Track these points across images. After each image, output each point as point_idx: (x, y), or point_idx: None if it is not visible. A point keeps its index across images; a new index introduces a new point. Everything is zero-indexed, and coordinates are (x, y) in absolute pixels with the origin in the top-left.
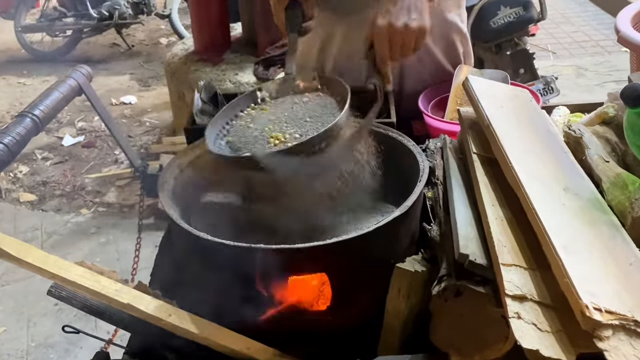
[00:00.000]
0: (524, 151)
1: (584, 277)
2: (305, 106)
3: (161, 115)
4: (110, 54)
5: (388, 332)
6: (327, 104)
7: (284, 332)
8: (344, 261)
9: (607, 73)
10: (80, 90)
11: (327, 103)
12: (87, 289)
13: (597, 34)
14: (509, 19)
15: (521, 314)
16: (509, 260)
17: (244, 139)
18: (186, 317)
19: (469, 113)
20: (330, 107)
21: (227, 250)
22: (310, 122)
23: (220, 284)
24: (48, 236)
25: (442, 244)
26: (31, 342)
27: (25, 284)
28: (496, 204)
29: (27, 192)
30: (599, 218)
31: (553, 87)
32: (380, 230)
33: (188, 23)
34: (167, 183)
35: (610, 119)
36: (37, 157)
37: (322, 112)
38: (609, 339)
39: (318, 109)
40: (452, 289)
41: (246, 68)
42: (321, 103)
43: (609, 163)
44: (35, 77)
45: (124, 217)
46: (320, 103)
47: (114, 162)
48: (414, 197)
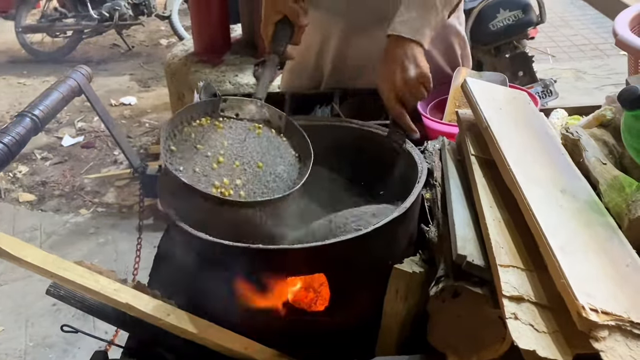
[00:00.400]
0: (522, 153)
1: (580, 278)
2: (260, 144)
3: (161, 116)
4: (111, 55)
5: (386, 333)
6: (282, 151)
7: (282, 332)
8: (342, 262)
9: (606, 76)
10: (80, 90)
11: (283, 150)
12: (86, 289)
13: (596, 38)
14: (508, 22)
15: (518, 314)
16: (506, 262)
17: (187, 155)
18: (185, 316)
19: (468, 115)
20: (286, 156)
21: (225, 251)
22: (261, 170)
23: (218, 284)
24: (47, 236)
25: (440, 245)
26: (29, 342)
27: (24, 284)
28: (494, 206)
29: (27, 192)
30: (596, 220)
31: (552, 90)
32: (379, 231)
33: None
34: (167, 184)
35: (607, 122)
36: (36, 157)
37: (275, 159)
38: (605, 339)
39: (272, 152)
40: (450, 289)
41: (246, 69)
42: (277, 146)
43: (606, 165)
44: (36, 77)
45: (123, 218)
46: (276, 146)
47: (113, 162)
48: (412, 198)
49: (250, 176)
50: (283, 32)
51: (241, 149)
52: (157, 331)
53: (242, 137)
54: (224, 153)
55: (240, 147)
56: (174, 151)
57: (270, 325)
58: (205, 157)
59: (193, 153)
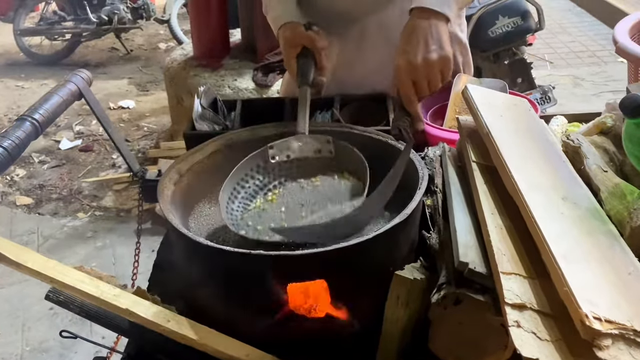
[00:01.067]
0: (523, 160)
1: (583, 286)
2: (318, 193)
3: (159, 120)
4: (109, 59)
5: (387, 340)
6: (340, 188)
7: (283, 338)
8: (343, 268)
9: (603, 83)
10: (80, 94)
11: (341, 186)
12: (86, 294)
13: (594, 45)
14: (507, 28)
15: (521, 322)
16: (508, 269)
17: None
18: (185, 323)
19: (468, 122)
20: (345, 190)
21: (226, 256)
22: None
23: (219, 290)
24: (44, 240)
25: (441, 251)
26: (26, 346)
27: (21, 288)
28: (495, 213)
29: (24, 195)
30: (597, 227)
31: (550, 97)
32: (380, 238)
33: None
34: (167, 188)
35: (608, 129)
36: (34, 161)
37: (337, 196)
38: (609, 348)
39: (332, 194)
40: (452, 297)
41: (245, 74)
42: (334, 187)
43: (607, 173)
44: (34, 80)
45: (120, 222)
46: (333, 187)
47: (111, 166)
48: (413, 204)
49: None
50: (306, 63)
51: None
52: (157, 337)
53: (300, 196)
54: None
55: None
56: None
57: (271, 331)
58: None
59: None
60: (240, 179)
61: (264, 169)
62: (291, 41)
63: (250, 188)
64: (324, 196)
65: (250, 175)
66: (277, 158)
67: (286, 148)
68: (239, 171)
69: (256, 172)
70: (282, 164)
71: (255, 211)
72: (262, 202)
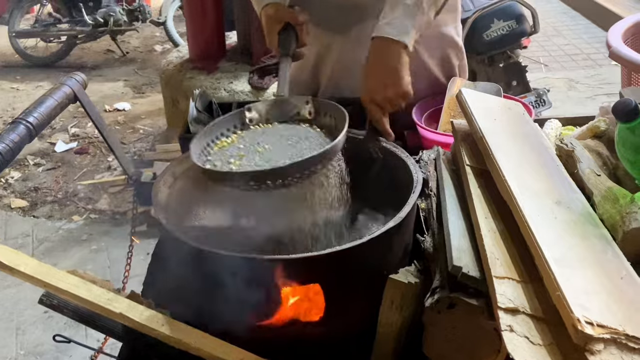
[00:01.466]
0: (517, 164)
1: (576, 290)
2: (296, 143)
3: (155, 123)
4: (105, 61)
5: (381, 343)
6: (317, 139)
7: (278, 342)
8: (337, 272)
9: (598, 86)
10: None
11: (318, 138)
12: (79, 298)
13: (589, 47)
14: (502, 32)
15: (514, 327)
16: (501, 273)
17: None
18: (179, 327)
19: (463, 125)
20: (315, 138)
21: (220, 260)
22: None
23: (213, 293)
24: (39, 243)
25: (435, 255)
26: (20, 349)
27: (15, 291)
28: (489, 216)
29: (19, 198)
30: (590, 232)
31: (545, 100)
32: (374, 242)
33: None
34: (161, 192)
35: (601, 133)
36: (29, 163)
37: (303, 141)
38: (601, 352)
39: (308, 143)
40: (445, 301)
41: (241, 77)
42: (312, 138)
43: (601, 177)
44: (29, 82)
45: (116, 225)
46: (310, 138)
47: (106, 168)
48: (407, 208)
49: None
50: (287, 37)
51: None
52: (151, 341)
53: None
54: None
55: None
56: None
57: (265, 335)
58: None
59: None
60: (215, 137)
61: (241, 130)
62: (274, 17)
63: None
64: (289, 140)
65: (226, 135)
66: (254, 120)
67: (264, 110)
68: (213, 130)
69: (232, 132)
70: (260, 126)
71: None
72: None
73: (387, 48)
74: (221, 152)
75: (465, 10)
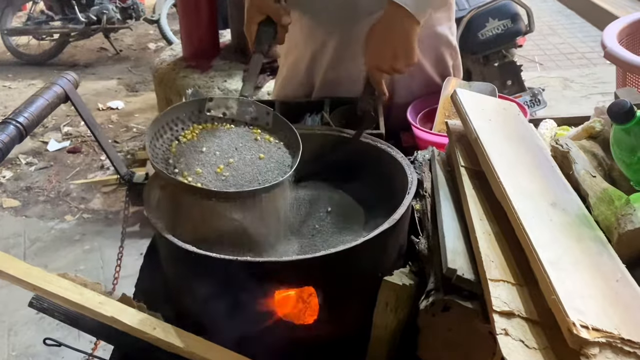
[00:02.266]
0: (511, 165)
1: (571, 293)
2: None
3: (148, 121)
4: (98, 59)
5: (375, 346)
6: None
7: (271, 346)
8: (331, 274)
9: (592, 85)
10: (66, 97)
11: (271, 147)
12: (70, 302)
13: (584, 46)
14: (497, 31)
15: (509, 330)
16: (496, 276)
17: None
18: (171, 330)
19: (457, 126)
20: (275, 152)
21: (213, 263)
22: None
23: (206, 296)
24: (31, 243)
25: (430, 257)
26: (12, 351)
27: (7, 292)
28: (484, 218)
29: (11, 197)
30: (586, 234)
31: (540, 99)
32: (368, 243)
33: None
34: (153, 192)
35: (597, 134)
36: (21, 162)
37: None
38: (596, 356)
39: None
40: (440, 303)
41: (235, 75)
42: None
43: (596, 178)
44: (21, 80)
45: (109, 224)
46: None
47: (99, 168)
48: (402, 209)
49: (238, 171)
50: (266, 32)
51: (228, 149)
52: (142, 345)
53: (231, 139)
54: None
55: (227, 148)
56: (159, 152)
57: (258, 338)
58: (192, 156)
59: (179, 155)
60: (171, 120)
61: (197, 117)
62: (258, 7)
63: (177, 132)
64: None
65: (182, 119)
66: (212, 112)
67: (224, 105)
68: (172, 112)
69: (188, 118)
70: (215, 118)
71: (176, 148)
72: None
73: (401, 19)
74: (181, 151)
75: (460, 9)
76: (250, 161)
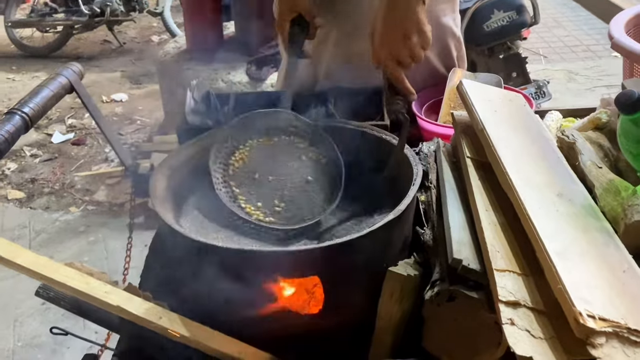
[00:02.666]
0: (517, 156)
1: (577, 283)
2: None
3: (152, 114)
4: (101, 51)
5: (380, 337)
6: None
7: (276, 335)
8: (336, 265)
9: (597, 77)
10: (71, 88)
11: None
12: (76, 291)
13: (588, 39)
14: (502, 22)
15: (515, 320)
16: (502, 266)
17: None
18: (177, 319)
19: (463, 117)
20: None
21: (218, 253)
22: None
23: (211, 286)
24: (36, 234)
25: (435, 248)
26: (17, 341)
27: (13, 282)
28: (490, 209)
29: (15, 189)
30: (592, 224)
31: (545, 91)
32: (373, 234)
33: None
34: (159, 183)
35: (603, 125)
36: (25, 154)
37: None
38: (603, 346)
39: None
40: (445, 294)
41: (239, 67)
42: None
43: (602, 169)
44: (25, 72)
45: (113, 216)
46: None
47: (104, 160)
48: (407, 201)
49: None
50: (299, 31)
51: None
52: (148, 334)
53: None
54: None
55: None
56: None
57: (264, 328)
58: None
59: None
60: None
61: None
62: (290, 5)
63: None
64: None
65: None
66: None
67: (265, 121)
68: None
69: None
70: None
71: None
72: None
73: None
74: (236, 176)
75: (465, 1)
76: (300, 187)
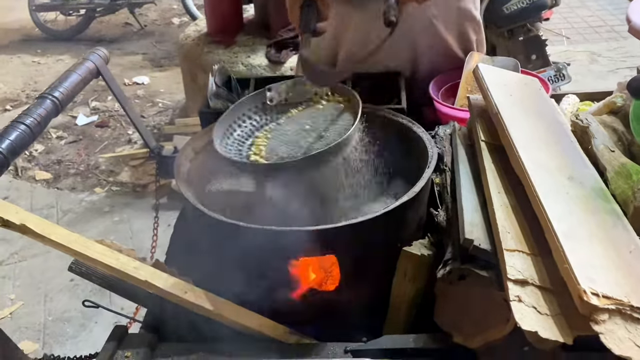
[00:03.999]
0: (530, 140)
1: (583, 263)
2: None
3: (174, 96)
4: (123, 34)
5: (393, 313)
6: (337, 118)
7: (294, 310)
8: (352, 244)
9: (620, 59)
10: (98, 72)
11: (338, 116)
12: (107, 266)
13: (613, 19)
14: (522, 4)
15: (522, 297)
16: (512, 246)
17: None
18: (201, 294)
19: (479, 101)
20: (341, 120)
21: (240, 232)
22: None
23: (233, 263)
24: (63, 214)
25: (448, 229)
26: (48, 316)
27: (43, 260)
28: (502, 191)
29: (43, 170)
30: (601, 207)
31: (564, 74)
32: (389, 215)
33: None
34: (183, 165)
35: (618, 109)
36: (51, 136)
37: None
38: (605, 322)
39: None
40: (457, 272)
41: (258, 50)
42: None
43: (615, 153)
44: (50, 56)
45: (137, 197)
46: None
47: (127, 142)
48: (422, 182)
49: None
50: (310, 12)
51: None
52: (173, 307)
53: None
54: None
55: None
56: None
57: (283, 303)
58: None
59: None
60: (237, 118)
61: (262, 110)
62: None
63: (247, 127)
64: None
65: (248, 115)
66: (274, 101)
67: (284, 91)
68: (235, 111)
69: (254, 112)
70: (279, 106)
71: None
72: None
73: None
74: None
75: None
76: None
